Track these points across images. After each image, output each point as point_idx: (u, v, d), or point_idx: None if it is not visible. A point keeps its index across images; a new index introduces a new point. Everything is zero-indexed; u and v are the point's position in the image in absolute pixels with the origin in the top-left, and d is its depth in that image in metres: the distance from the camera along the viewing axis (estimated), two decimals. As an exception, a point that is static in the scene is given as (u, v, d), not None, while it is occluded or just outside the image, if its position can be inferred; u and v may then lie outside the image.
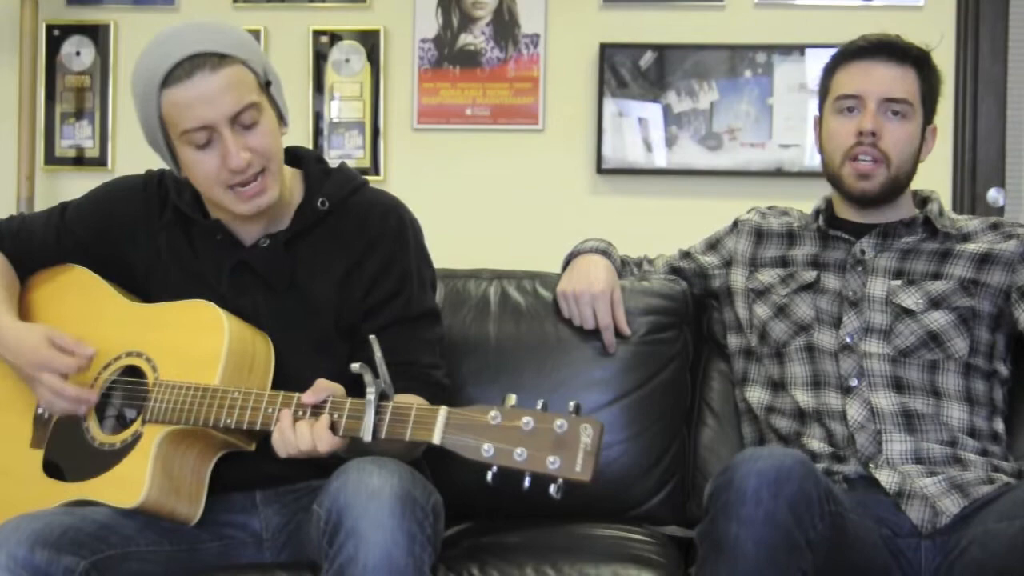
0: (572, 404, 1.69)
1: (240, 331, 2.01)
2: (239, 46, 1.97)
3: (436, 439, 1.73)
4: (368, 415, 1.78)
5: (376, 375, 1.79)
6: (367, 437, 1.78)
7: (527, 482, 1.67)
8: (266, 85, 2.01)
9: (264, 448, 1.94)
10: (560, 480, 1.66)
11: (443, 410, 1.74)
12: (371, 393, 1.78)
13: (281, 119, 2.05)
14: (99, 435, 2.04)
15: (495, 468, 1.68)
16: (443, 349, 2.17)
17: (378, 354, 1.79)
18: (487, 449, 1.68)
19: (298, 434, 1.82)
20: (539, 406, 1.70)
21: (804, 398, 2.27)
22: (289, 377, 1.98)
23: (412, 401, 1.83)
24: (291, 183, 2.11)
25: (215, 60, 1.93)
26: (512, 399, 1.72)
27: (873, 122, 2.25)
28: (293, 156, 2.15)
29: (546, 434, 1.66)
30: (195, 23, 2.00)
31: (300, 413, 1.85)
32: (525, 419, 1.68)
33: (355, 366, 1.78)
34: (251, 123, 1.97)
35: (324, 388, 1.85)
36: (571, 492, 1.67)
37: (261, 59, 2.02)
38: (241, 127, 1.96)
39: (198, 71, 1.92)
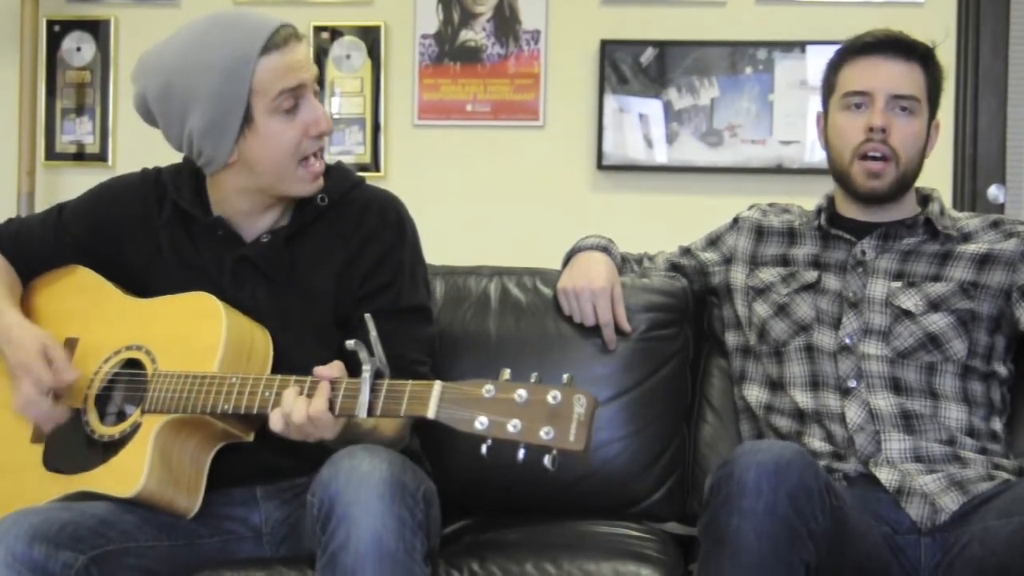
0: (566, 376, 1.69)
1: (238, 320, 2.02)
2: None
3: (431, 413, 1.72)
4: (363, 392, 1.78)
5: (371, 353, 1.79)
6: (362, 414, 1.78)
7: (521, 454, 1.66)
8: None
9: (263, 439, 1.95)
10: (554, 451, 1.65)
11: (437, 384, 1.74)
12: (366, 371, 1.78)
13: None
14: (99, 428, 2.04)
15: (489, 441, 1.68)
16: (433, 349, 2.17)
17: (373, 333, 1.80)
18: (481, 422, 1.68)
19: (295, 405, 1.82)
20: (533, 379, 1.70)
21: (803, 399, 2.27)
22: (289, 368, 1.97)
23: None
24: None
25: (298, 32, 2.04)
26: (506, 373, 1.72)
27: (882, 118, 2.24)
28: None
29: (540, 406, 1.66)
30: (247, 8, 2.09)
31: (300, 390, 1.85)
32: (519, 391, 1.68)
33: (350, 343, 1.78)
34: (316, 94, 2.06)
35: (338, 368, 1.86)
36: (565, 462, 1.66)
37: None
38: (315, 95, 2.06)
39: (292, 39, 2.01)
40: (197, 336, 2.00)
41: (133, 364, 2.06)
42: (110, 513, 1.93)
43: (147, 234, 2.14)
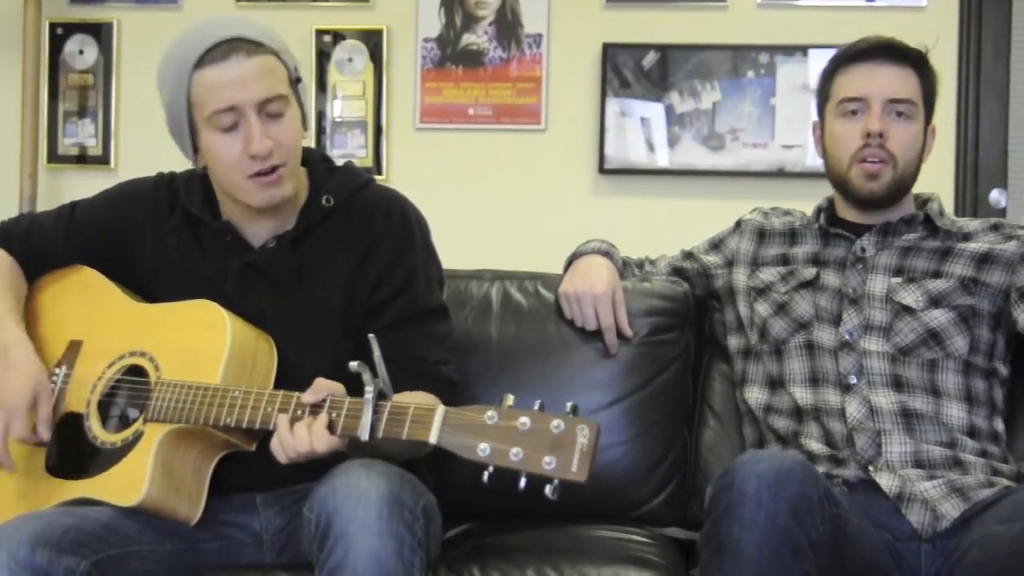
0: (569, 405, 1.68)
1: (243, 331, 2.02)
2: (274, 39, 2.02)
3: (432, 438, 1.72)
4: (366, 414, 1.78)
5: (375, 374, 1.79)
6: (364, 436, 1.78)
7: (523, 483, 1.66)
8: (296, 81, 2.04)
9: (265, 448, 1.94)
10: (556, 481, 1.65)
11: (440, 409, 1.74)
12: (369, 392, 1.78)
13: (303, 120, 2.07)
14: (101, 434, 2.04)
15: (491, 468, 1.67)
16: (451, 345, 2.17)
17: (376, 353, 1.79)
18: (483, 449, 1.67)
19: (296, 436, 1.82)
20: (536, 406, 1.69)
21: (802, 395, 2.27)
22: (296, 377, 1.97)
23: (412, 400, 1.82)
24: (298, 182, 2.12)
25: (251, 46, 1.97)
26: (510, 399, 1.71)
27: (879, 123, 2.25)
28: None
29: (543, 434, 1.66)
30: (234, 13, 2.03)
31: (299, 413, 1.85)
32: (522, 419, 1.67)
33: (353, 365, 1.78)
34: (277, 114, 2.00)
35: (323, 387, 1.85)
36: (566, 493, 1.66)
37: (292, 57, 2.06)
38: (267, 116, 1.99)
39: (234, 54, 1.96)
40: (201, 345, 1.99)
41: (136, 370, 2.06)
42: (112, 518, 1.93)
43: (156, 239, 2.14)
